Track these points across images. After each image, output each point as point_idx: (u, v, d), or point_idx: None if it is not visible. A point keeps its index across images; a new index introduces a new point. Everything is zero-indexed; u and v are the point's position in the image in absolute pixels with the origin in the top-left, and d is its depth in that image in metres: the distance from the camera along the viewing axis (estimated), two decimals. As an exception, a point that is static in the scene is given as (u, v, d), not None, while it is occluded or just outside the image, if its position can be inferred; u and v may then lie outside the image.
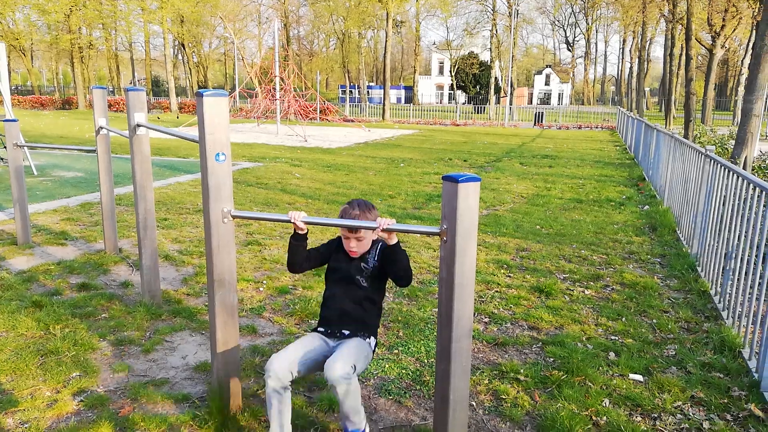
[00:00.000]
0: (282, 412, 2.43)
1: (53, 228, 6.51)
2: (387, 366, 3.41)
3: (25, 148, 9.91)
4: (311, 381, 3.19)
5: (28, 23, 43.47)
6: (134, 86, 3.83)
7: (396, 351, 3.61)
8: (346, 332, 2.60)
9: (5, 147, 11.55)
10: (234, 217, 2.70)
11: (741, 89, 31.32)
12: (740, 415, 2.91)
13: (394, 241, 2.48)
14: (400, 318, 4.12)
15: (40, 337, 3.66)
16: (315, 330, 2.67)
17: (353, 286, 2.62)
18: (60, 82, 66.90)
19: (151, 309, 4.10)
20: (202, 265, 5.21)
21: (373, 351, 2.64)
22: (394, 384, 3.20)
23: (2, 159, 11.47)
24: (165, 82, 64.04)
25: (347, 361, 2.35)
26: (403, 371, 3.36)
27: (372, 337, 2.64)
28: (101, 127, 5.12)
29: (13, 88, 58.04)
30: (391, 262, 2.51)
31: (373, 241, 2.67)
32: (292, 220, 2.54)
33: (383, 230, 2.43)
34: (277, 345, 3.65)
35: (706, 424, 2.83)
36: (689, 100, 20.49)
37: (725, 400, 3.04)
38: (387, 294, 4.51)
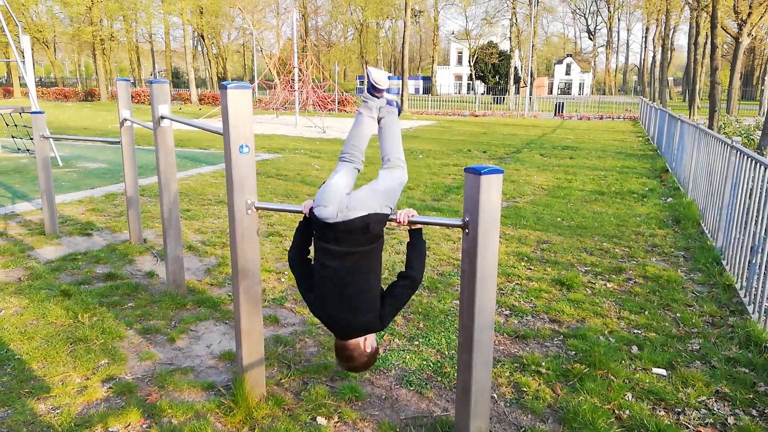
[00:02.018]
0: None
1: (79, 218, 6.64)
2: (408, 357, 3.43)
3: (51, 139, 10.10)
4: (333, 371, 3.22)
5: (51, 15, 44.08)
6: (155, 78, 3.87)
7: (417, 342, 3.63)
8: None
9: (32, 138, 11.79)
10: (258, 208, 2.73)
11: (767, 79, 30.55)
12: (766, 411, 2.87)
13: (416, 226, 2.45)
14: (420, 310, 4.13)
15: (69, 325, 3.75)
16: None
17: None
18: (82, 74, 67.81)
19: (176, 298, 4.17)
20: (225, 256, 5.28)
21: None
22: (415, 375, 3.23)
23: (29, 150, 11.70)
24: (185, 73, 64.51)
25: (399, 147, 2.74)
26: (424, 363, 3.38)
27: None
28: (125, 119, 5.20)
29: (37, 80, 58.89)
30: (410, 247, 2.44)
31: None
32: (305, 211, 2.52)
33: (405, 223, 2.43)
34: (299, 335, 3.69)
35: (731, 420, 2.81)
36: (714, 89, 20.05)
37: (751, 396, 3.01)
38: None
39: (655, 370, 3.29)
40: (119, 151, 11.16)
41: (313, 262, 2.43)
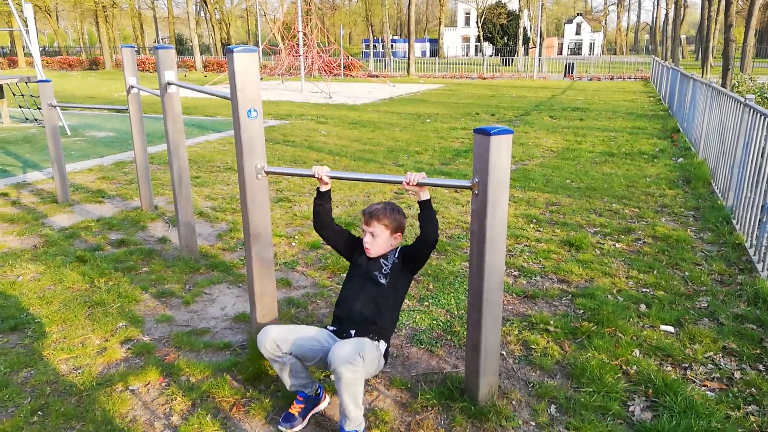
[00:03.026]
0: (284, 370, 2.43)
1: (90, 186, 6.70)
2: (418, 317, 3.49)
3: (58, 108, 10.10)
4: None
5: (52, -18, 43.43)
6: (159, 45, 3.84)
7: (426, 303, 3.68)
8: (353, 332, 2.45)
9: (39, 108, 11.76)
10: (267, 172, 2.74)
11: (785, 34, 29.68)
12: (772, 366, 2.91)
13: (426, 196, 2.48)
14: (429, 272, 4.18)
15: (86, 290, 3.83)
16: (325, 328, 2.58)
17: (369, 282, 2.55)
18: (86, 42, 67.16)
19: (189, 263, 4.24)
20: (235, 221, 5.33)
21: (385, 357, 2.47)
22: (425, 334, 3.29)
23: (37, 120, 11.72)
24: (188, 40, 63.71)
25: (356, 348, 2.16)
26: (434, 322, 3.44)
27: (382, 341, 2.47)
28: (132, 86, 5.18)
29: (40, 49, 58.49)
30: (423, 219, 2.51)
31: (392, 248, 2.65)
32: (316, 175, 2.58)
33: (414, 185, 2.45)
34: (311, 297, 3.76)
35: (737, 374, 2.85)
36: (728, 47, 19.57)
37: (758, 351, 3.04)
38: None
39: (662, 327, 3.33)
40: (126, 120, 11.12)
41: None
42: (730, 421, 2.48)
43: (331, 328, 2.56)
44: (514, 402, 2.65)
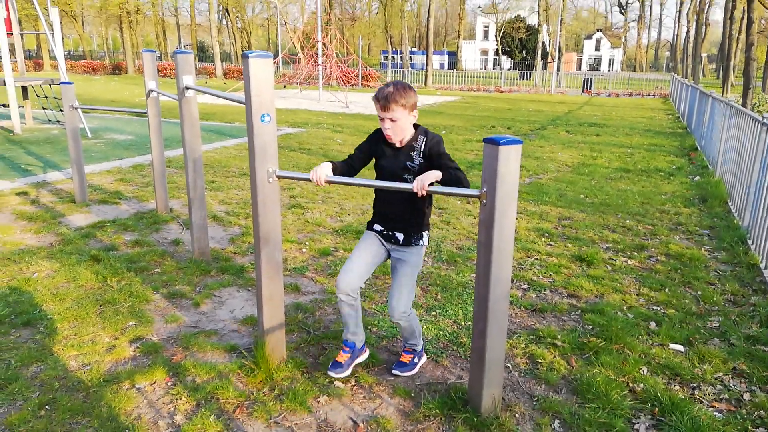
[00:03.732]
0: (352, 315, 2.79)
1: (108, 188, 6.81)
2: (425, 327, 3.48)
3: (80, 110, 10.30)
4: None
5: (79, -12, 44.44)
6: (179, 50, 3.91)
7: (434, 313, 3.68)
8: (400, 236, 2.73)
9: (61, 110, 12.00)
10: (279, 177, 2.78)
11: (809, 55, 29.25)
12: (784, 388, 2.86)
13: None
14: (438, 282, 4.18)
15: (98, 289, 3.89)
16: (371, 228, 2.82)
17: (404, 177, 2.64)
18: (110, 47, 68.50)
19: (200, 265, 4.28)
20: (248, 226, 5.38)
21: (426, 244, 2.80)
22: (431, 344, 3.28)
23: (59, 121, 11.96)
24: (210, 47, 64.65)
25: (406, 300, 2.68)
26: (441, 332, 3.43)
27: (425, 233, 2.77)
28: (151, 90, 5.28)
29: (66, 53, 59.80)
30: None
31: (416, 126, 2.67)
32: (315, 181, 2.56)
33: (424, 191, 2.46)
34: (319, 303, 3.77)
35: (746, 396, 2.80)
36: (749, 66, 19.38)
37: (768, 373, 2.99)
38: (425, 259, 4.57)
39: (672, 345, 3.29)
40: (146, 124, 11.28)
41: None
42: (737, 443, 2.44)
43: (378, 228, 2.79)
44: (517, 415, 2.63)
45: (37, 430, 2.44)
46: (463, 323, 3.55)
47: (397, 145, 2.65)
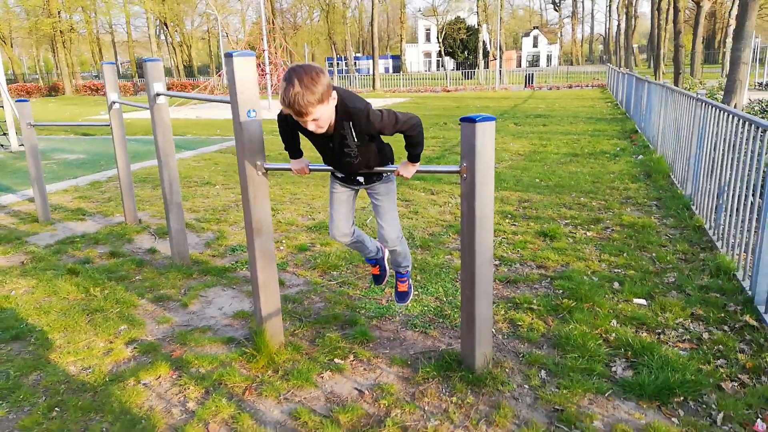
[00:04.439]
0: (359, 246, 3.15)
1: (68, 206, 6.70)
2: (410, 305, 3.67)
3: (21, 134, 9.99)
4: (343, 321, 3.46)
5: (6, 9, 42.62)
6: (148, 58, 3.98)
7: (416, 293, 3.88)
8: (361, 179, 2.82)
9: (5, 134, 11.57)
10: (267, 169, 2.92)
11: (729, 41, 31.28)
12: (736, 326, 3.20)
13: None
14: (416, 265, 4.38)
15: (82, 299, 3.90)
16: (333, 176, 2.86)
17: (345, 154, 2.58)
18: (42, 69, 65.83)
19: (182, 269, 4.34)
20: (221, 231, 5.44)
21: (392, 161, 2.82)
22: (418, 319, 3.48)
23: (2, 145, 11.56)
24: (149, 63, 62.92)
25: (394, 225, 2.92)
26: (425, 308, 3.63)
27: (389, 165, 2.76)
28: (114, 102, 5.28)
29: (-6, 78, 57.08)
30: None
31: (337, 110, 2.37)
32: (299, 172, 2.81)
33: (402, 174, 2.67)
34: (306, 293, 3.91)
35: (705, 335, 3.13)
36: (678, 53, 20.60)
37: (722, 315, 3.34)
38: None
39: (635, 300, 3.60)
40: (95, 142, 11.08)
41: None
42: (702, 373, 2.74)
43: (339, 176, 2.86)
44: (507, 370, 2.86)
45: (52, 430, 2.49)
46: (444, 299, 3.77)
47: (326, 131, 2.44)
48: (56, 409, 2.65)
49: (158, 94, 4.01)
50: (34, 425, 2.53)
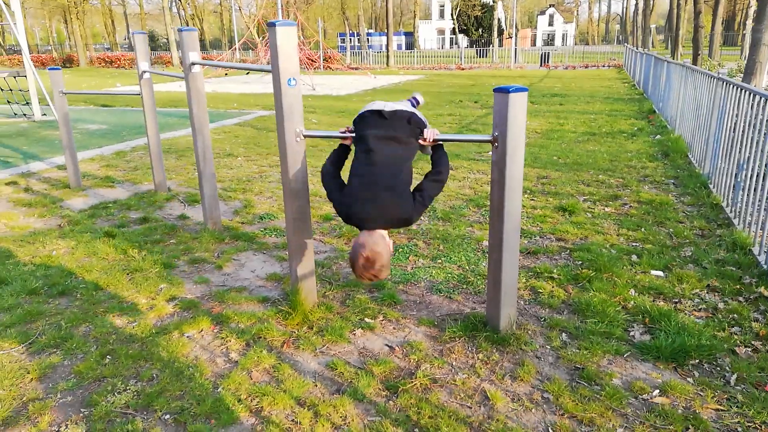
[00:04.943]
0: None
1: (96, 174, 6.89)
2: (434, 272, 3.83)
3: (50, 102, 10.18)
4: (371, 285, 3.62)
5: (20, -21, 42.54)
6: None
7: (439, 261, 4.03)
8: None
9: (27, 103, 11.76)
10: (305, 136, 3.05)
11: (749, 23, 30.68)
12: (751, 297, 3.33)
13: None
14: (438, 236, 4.52)
15: (121, 260, 4.09)
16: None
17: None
18: (54, 40, 65.91)
19: (214, 234, 4.52)
20: (247, 200, 5.60)
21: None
22: (443, 285, 3.63)
23: (25, 114, 11.75)
24: (160, 36, 62.96)
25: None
26: (449, 275, 3.79)
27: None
28: (144, 71, 5.40)
29: (7, 48, 57.28)
30: (434, 156, 2.80)
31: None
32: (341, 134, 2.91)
33: (431, 142, 2.78)
34: (333, 259, 4.08)
35: (721, 305, 3.26)
36: (697, 33, 20.30)
37: (738, 286, 3.46)
38: (423, 218, 4.90)
39: (653, 272, 3.73)
40: (115, 113, 11.22)
41: (353, 162, 2.69)
42: (717, 339, 2.88)
43: None
44: (529, 332, 3.01)
45: (106, 375, 2.69)
46: (467, 267, 3.92)
47: None
48: (108, 356, 2.84)
49: (193, 63, 4.13)
50: (88, 370, 2.72)
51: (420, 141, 2.77)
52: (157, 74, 5.31)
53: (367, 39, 55.85)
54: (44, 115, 11.78)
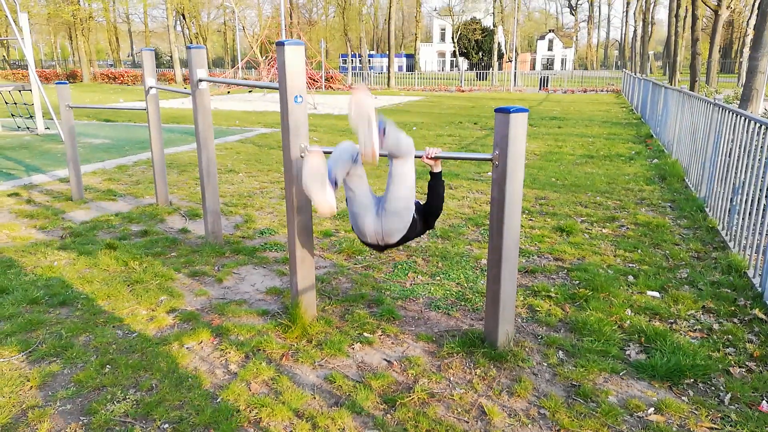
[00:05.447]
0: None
1: (99, 187, 6.94)
2: (432, 289, 3.87)
3: (54, 116, 10.29)
4: (370, 300, 3.65)
5: (27, -4, 43.07)
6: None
7: (438, 278, 4.07)
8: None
9: (31, 116, 11.85)
10: (309, 151, 3.11)
11: (746, 51, 31.14)
12: (746, 318, 3.37)
13: (438, 169, 2.88)
14: (437, 253, 4.57)
15: (122, 271, 4.12)
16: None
17: None
18: (59, 56, 66.56)
19: (215, 248, 4.55)
20: (248, 215, 5.65)
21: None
22: (441, 301, 3.67)
23: (29, 128, 11.85)
24: (163, 54, 63.58)
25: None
26: (448, 292, 3.82)
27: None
28: (151, 87, 5.49)
29: (11, 63, 57.81)
30: (431, 186, 2.89)
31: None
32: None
33: (432, 158, 2.84)
34: (333, 275, 4.11)
35: (716, 326, 3.30)
36: (695, 60, 20.60)
37: (733, 308, 3.50)
38: (422, 236, 4.95)
39: (649, 293, 3.77)
40: (117, 129, 11.32)
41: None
42: (711, 359, 2.91)
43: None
44: (526, 349, 3.04)
45: (105, 384, 2.71)
46: (465, 284, 3.95)
47: None
48: (107, 366, 2.86)
49: (201, 80, 4.21)
50: (88, 379, 2.74)
51: (423, 159, 2.84)
52: (163, 90, 5.40)
53: (369, 60, 56.52)
54: (47, 128, 11.88)
